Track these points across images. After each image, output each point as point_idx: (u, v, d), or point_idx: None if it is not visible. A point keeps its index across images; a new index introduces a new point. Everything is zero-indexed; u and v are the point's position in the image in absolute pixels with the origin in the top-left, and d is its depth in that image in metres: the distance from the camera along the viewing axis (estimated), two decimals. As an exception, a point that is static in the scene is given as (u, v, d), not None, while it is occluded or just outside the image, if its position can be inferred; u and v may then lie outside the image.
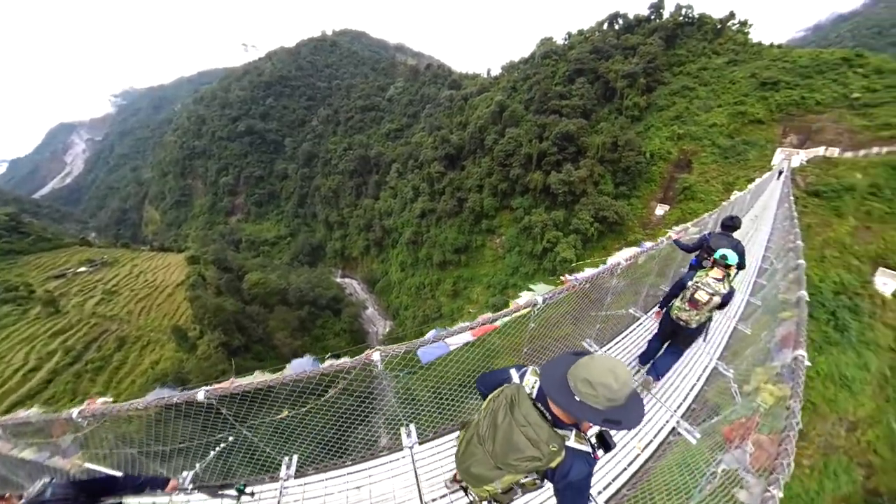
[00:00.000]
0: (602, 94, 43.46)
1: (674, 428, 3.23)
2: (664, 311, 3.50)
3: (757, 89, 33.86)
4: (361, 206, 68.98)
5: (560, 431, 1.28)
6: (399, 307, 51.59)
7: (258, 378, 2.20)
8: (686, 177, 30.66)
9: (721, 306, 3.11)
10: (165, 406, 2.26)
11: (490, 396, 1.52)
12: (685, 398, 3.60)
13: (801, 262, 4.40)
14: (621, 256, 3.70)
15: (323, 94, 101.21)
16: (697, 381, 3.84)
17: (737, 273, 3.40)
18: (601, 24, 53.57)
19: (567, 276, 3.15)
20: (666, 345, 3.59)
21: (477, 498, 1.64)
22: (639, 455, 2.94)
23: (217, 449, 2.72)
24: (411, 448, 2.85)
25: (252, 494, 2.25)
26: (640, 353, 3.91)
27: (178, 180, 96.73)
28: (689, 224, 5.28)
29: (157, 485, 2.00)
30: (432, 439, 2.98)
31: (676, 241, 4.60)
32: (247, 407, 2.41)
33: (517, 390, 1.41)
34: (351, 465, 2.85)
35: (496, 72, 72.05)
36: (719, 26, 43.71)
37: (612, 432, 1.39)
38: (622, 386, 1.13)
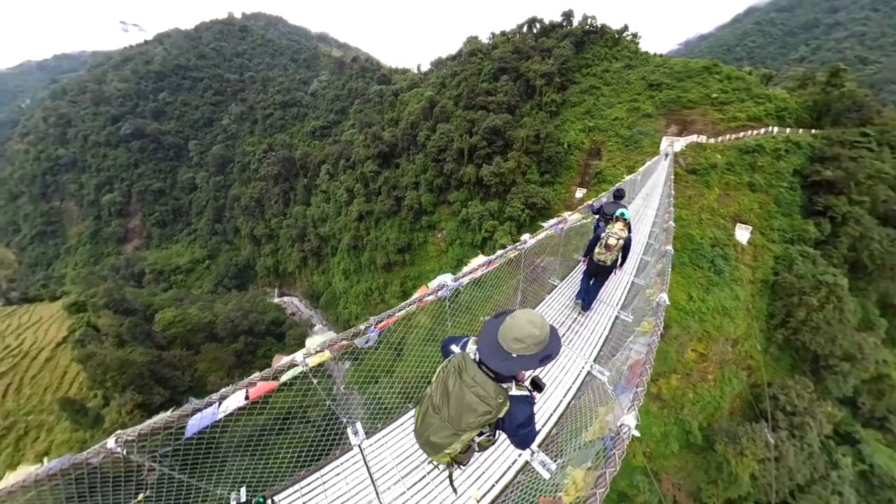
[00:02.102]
0: (524, 91, 47.69)
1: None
2: (588, 258, 4.96)
3: (646, 89, 40.65)
4: (291, 214, 63.64)
5: (503, 385, 1.54)
6: (349, 318, 49.68)
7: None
8: (597, 163, 35.10)
9: (625, 248, 4.62)
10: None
11: (438, 369, 1.69)
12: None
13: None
14: (475, 263, 4.07)
15: (234, 88, 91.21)
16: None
17: (628, 224, 4.77)
18: (521, 26, 58.83)
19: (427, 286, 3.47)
20: (592, 281, 5.13)
21: (439, 466, 1.88)
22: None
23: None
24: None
25: None
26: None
27: (38, 203, 77.24)
28: (565, 215, 6.22)
29: None
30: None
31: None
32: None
33: (462, 358, 1.62)
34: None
35: (426, 67, 73.67)
36: (617, 36, 51.64)
37: (541, 375, 1.52)
38: (542, 328, 1.44)
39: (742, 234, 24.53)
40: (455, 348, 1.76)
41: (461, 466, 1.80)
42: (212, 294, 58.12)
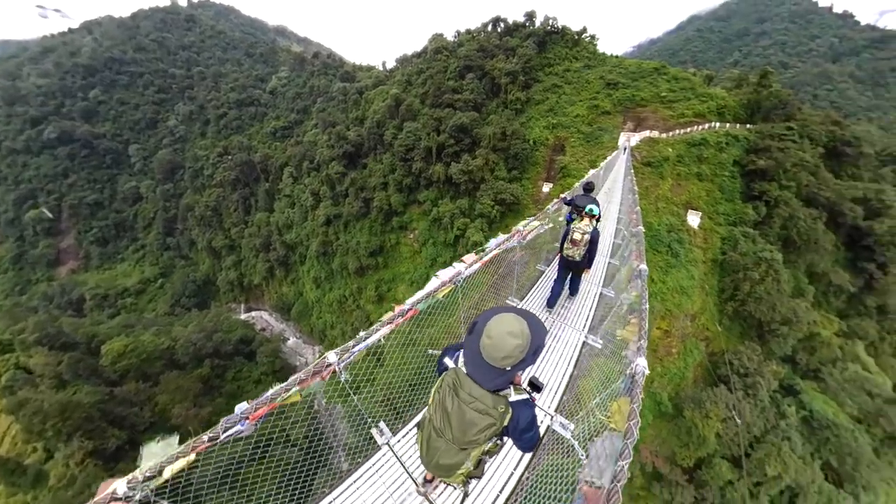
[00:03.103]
0: (489, 89, 49.06)
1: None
2: (560, 254, 5.12)
3: (604, 88, 43.48)
4: (253, 222, 60.10)
5: (501, 393, 1.53)
6: (324, 327, 48.12)
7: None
8: (562, 158, 36.95)
9: (592, 243, 4.72)
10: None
11: (433, 390, 1.68)
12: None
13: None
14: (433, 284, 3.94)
15: (180, 85, 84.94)
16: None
17: (598, 220, 4.95)
18: (486, 25, 60.37)
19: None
20: (568, 278, 5.29)
21: (454, 485, 1.82)
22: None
23: None
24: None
25: None
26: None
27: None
28: (530, 218, 6.37)
29: None
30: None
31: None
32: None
33: (455, 374, 1.59)
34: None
35: (391, 65, 72.98)
36: (576, 38, 54.69)
37: (539, 376, 2.01)
38: (522, 333, 1.43)
39: (693, 219, 27.04)
40: (449, 363, 1.72)
41: (476, 480, 1.77)
42: (169, 316, 53.46)
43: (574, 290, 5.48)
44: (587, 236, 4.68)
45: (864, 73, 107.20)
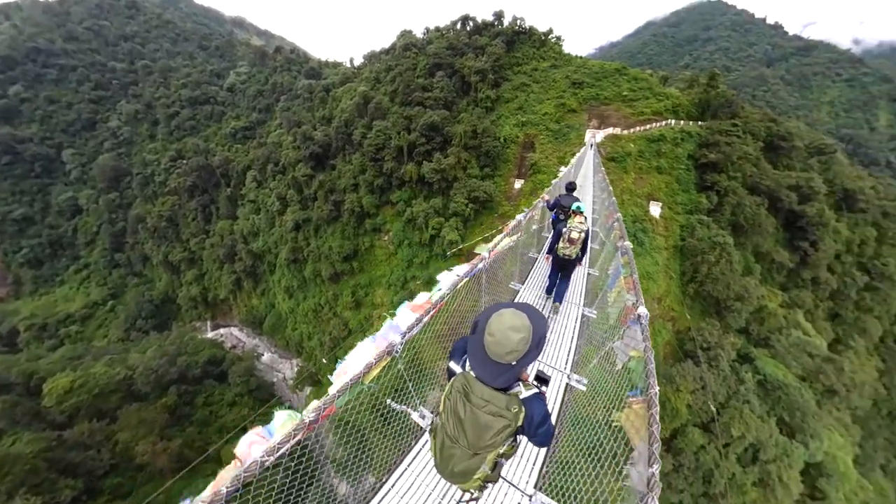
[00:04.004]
0: (460, 87, 49.78)
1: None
2: (552, 254, 5.26)
3: (570, 87, 45.62)
4: (215, 231, 56.50)
5: (511, 391, 1.55)
6: (300, 339, 46.29)
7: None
8: (532, 155, 38.33)
9: (585, 239, 4.97)
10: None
11: (443, 397, 1.67)
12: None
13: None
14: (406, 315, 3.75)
15: (123, 81, 78.09)
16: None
17: (585, 217, 5.19)
18: (455, 23, 61.20)
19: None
20: (559, 277, 5.39)
21: (471, 491, 1.81)
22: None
23: None
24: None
25: None
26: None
27: None
28: (483, 252, 6.65)
29: None
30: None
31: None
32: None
33: (465, 379, 1.59)
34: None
35: (359, 61, 72.09)
36: (543, 38, 56.98)
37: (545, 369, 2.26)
38: (524, 327, 1.45)
39: (655, 209, 29.22)
40: (456, 367, 1.74)
41: (491, 484, 1.74)
42: (123, 343, 48.93)
43: (560, 297, 5.41)
44: (583, 234, 4.83)
45: (792, 77, 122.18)
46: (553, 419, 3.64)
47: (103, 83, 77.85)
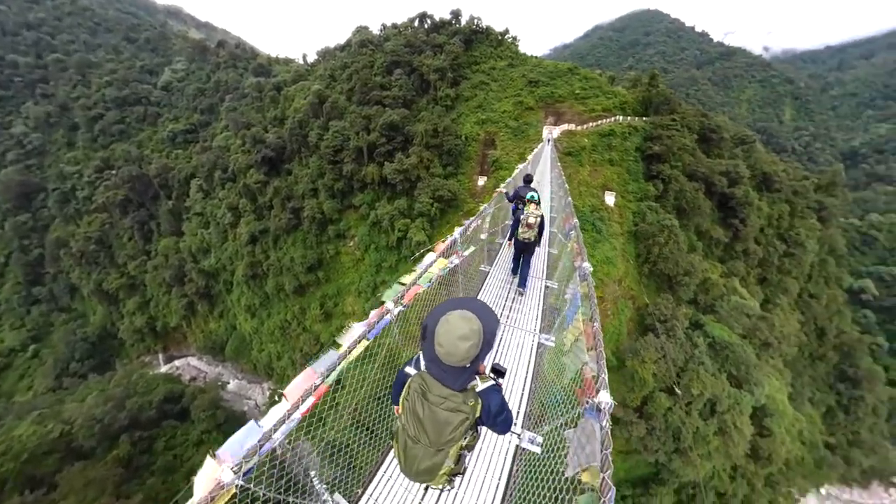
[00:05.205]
0: (419, 85, 49.94)
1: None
2: (513, 239, 6.02)
3: (527, 86, 47.63)
4: (158, 251, 51.44)
5: (468, 386, 1.61)
6: (269, 360, 43.82)
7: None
8: (493, 152, 39.56)
9: (541, 224, 5.68)
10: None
11: (402, 398, 1.70)
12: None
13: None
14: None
15: (28, 79, 68.12)
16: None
17: (540, 205, 5.88)
18: (412, 20, 61.07)
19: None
20: (521, 260, 6.13)
21: (439, 487, 1.87)
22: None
23: None
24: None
25: None
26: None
27: None
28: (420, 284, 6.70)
29: None
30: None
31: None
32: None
33: (421, 378, 1.64)
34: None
35: (312, 58, 69.39)
36: (500, 38, 59.14)
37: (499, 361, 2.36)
38: (473, 331, 1.48)
39: (609, 199, 31.61)
40: (410, 370, 1.75)
41: (459, 477, 1.81)
42: (55, 393, 42.89)
43: (523, 281, 6.11)
44: (538, 219, 5.60)
45: (717, 78, 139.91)
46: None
47: (1, 81, 67.95)
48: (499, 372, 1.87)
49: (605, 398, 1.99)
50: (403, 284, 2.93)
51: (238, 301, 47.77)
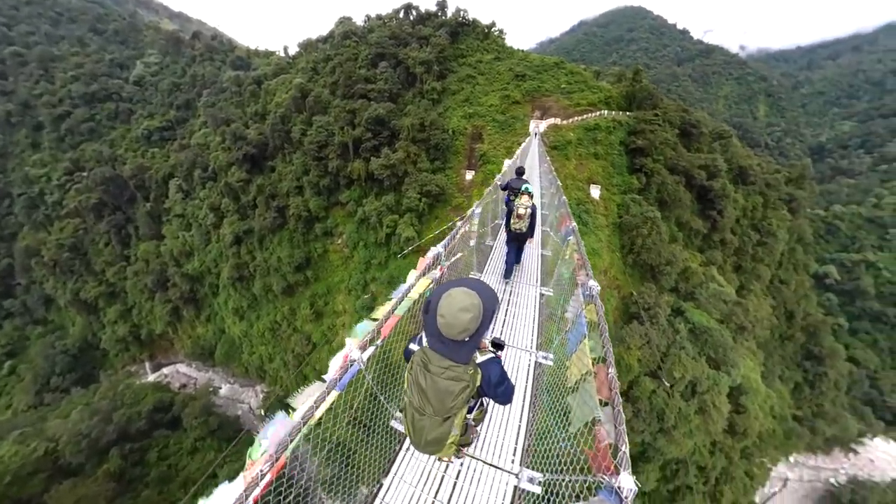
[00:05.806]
0: (405, 79, 49.40)
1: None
2: (507, 228, 6.15)
3: (514, 80, 47.86)
4: (137, 256, 49.70)
5: (468, 359, 1.68)
6: (261, 363, 43.31)
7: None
8: (481, 146, 39.73)
9: (533, 216, 5.82)
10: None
11: (406, 374, 1.81)
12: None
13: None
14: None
15: None
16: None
17: (532, 196, 5.95)
18: (397, 11, 60.18)
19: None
20: (515, 247, 6.31)
21: (447, 458, 1.94)
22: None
23: None
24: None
25: None
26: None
27: None
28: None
29: None
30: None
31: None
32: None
33: (423, 352, 1.72)
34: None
35: (294, 50, 67.52)
36: (487, 31, 59.19)
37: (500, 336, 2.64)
38: (474, 305, 1.57)
39: (595, 191, 32.36)
40: (413, 346, 1.83)
41: (467, 449, 1.86)
42: (36, 409, 41.34)
43: (518, 258, 6.55)
44: (529, 210, 5.71)
45: (696, 74, 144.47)
46: (527, 394, 3.82)
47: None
48: (498, 345, 1.96)
49: (627, 483, 1.52)
50: (375, 320, 2.44)
51: (225, 304, 46.76)
